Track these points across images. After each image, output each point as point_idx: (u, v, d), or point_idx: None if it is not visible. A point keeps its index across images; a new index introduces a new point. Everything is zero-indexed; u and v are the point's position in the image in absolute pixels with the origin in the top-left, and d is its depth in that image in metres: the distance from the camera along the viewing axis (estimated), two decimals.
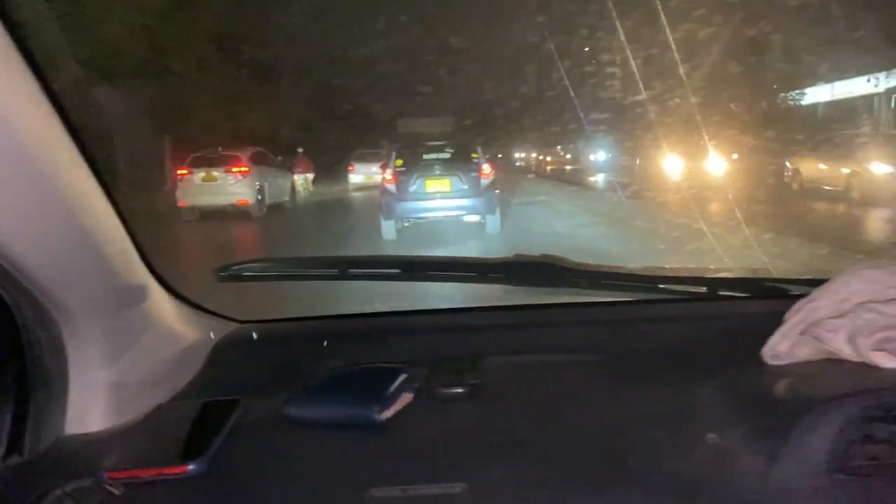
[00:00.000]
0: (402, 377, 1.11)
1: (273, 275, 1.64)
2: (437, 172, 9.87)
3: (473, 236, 9.46)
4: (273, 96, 20.23)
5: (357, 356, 1.25)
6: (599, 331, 1.43)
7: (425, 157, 10.24)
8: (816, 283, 1.24)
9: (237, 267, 1.49)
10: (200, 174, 13.49)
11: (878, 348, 1.06)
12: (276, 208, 14.14)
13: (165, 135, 16.80)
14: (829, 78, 18.59)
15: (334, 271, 1.53)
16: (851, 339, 1.09)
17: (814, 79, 18.72)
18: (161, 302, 1.26)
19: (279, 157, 16.06)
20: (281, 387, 1.13)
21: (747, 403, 1.05)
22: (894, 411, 0.92)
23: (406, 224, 9.83)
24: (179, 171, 13.75)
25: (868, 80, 18.16)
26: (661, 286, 1.47)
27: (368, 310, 1.70)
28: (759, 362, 1.17)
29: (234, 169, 13.51)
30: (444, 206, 9.74)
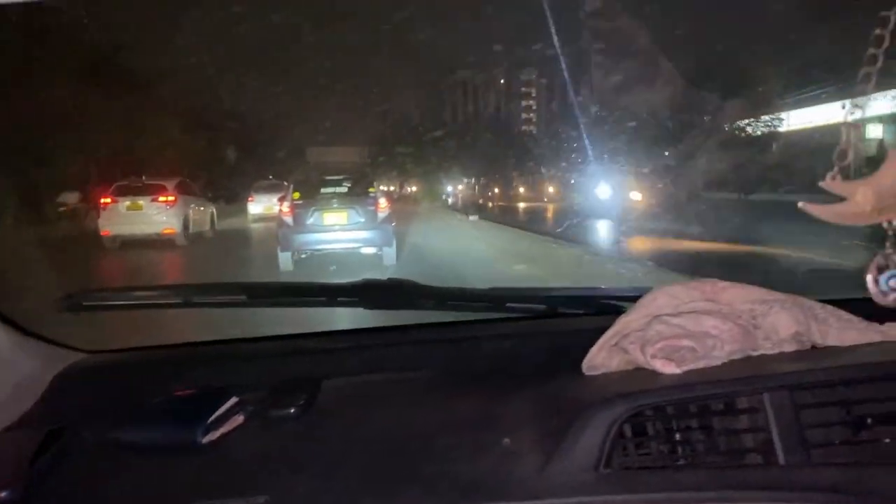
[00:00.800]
0: (232, 400, 1.14)
1: (114, 304, 1.62)
2: (335, 205, 10.01)
3: (370, 268, 9.45)
4: (167, 122, 19.12)
5: (201, 383, 1.26)
6: (442, 349, 1.49)
7: (323, 190, 10.43)
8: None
9: (78, 297, 1.48)
10: (126, 203, 13.25)
11: (661, 356, 1.16)
12: (197, 237, 14.01)
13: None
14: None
15: (178, 300, 1.54)
16: (643, 348, 1.19)
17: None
18: None
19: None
20: (119, 415, 1.14)
21: (550, 409, 1.12)
22: (662, 410, 1.02)
23: (304, 256, 9.85)
24: (103, 200, 13.43)
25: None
26: (506, 305, 1.54)
27: (218, 337, 1.69)
28: (580, 373, 1.25)
29: (161, 198, 13.34)
30: (341, 239, 9.86)
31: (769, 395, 1.04)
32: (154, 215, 13.22)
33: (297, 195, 10.05)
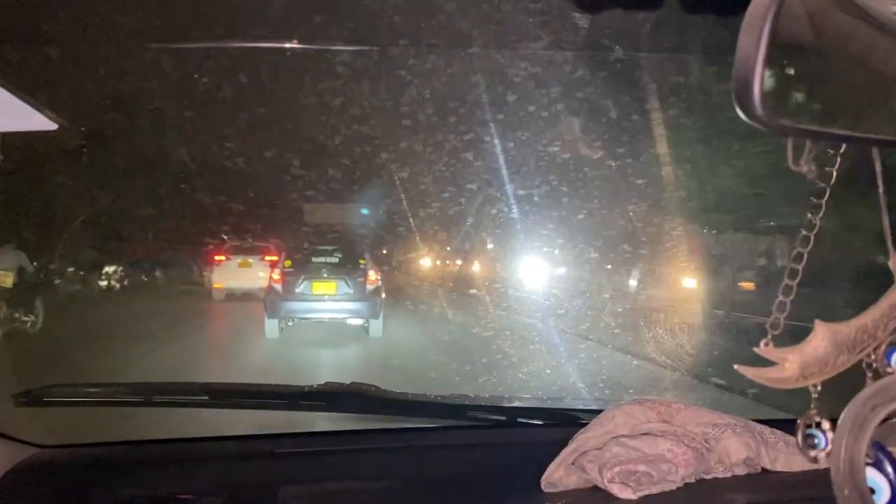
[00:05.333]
0: None
1: (74, 400, 1.57)
2: (325, 275, 9.75)
3: (356, 339, 9.13)
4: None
5: (157, 483, 1.25)
6: (402, 457, 1.44)
7: (314, 259, 10.20)
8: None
9: (38, 391, 1.43)
10: (237, 260, 14.37)
11: (618, 480, 1.15)
12: None
13: None
14: None
15: (139, 398, 1.51)
16: (600, 470, 1.18)
17: None
18: None
19: None
20: None
21: None
22: None
23: (290, 324, 9.57)
24: (217, 257, 14.58)
25: None
26: (466, 413, 1.51)
27: (174, 435, 1.56)
28: (538, 488, 1.21)
29: (267, 257, 14.35)
30: (328, 309, 9.56)
31: None
32: (260, 272, 14.20)
33: (288, 263, 9.92)
